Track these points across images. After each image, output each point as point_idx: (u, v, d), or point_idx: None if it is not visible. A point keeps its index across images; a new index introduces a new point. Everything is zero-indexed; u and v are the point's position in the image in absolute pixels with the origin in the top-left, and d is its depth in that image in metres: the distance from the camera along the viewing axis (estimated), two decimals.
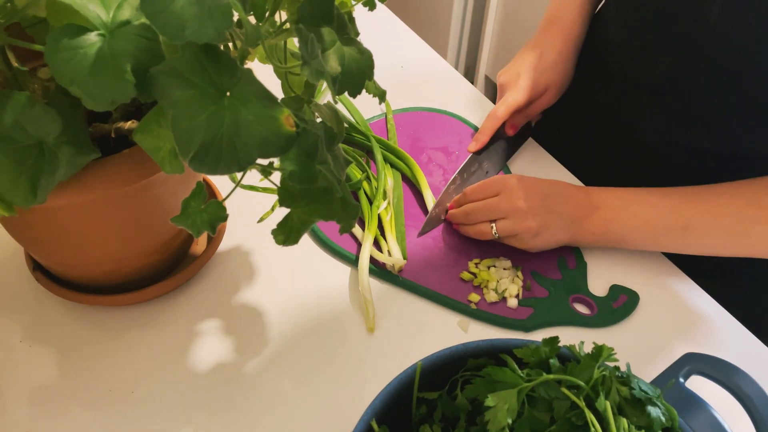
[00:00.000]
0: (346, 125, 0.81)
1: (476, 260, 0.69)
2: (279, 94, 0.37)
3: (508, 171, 0.81)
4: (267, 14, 0.40)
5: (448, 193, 0.75)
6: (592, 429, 0.38)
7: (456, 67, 1.51)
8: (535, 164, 0.83)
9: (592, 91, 0.83)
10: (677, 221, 0.65)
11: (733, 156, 0.70)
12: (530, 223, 0.66)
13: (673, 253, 0.68)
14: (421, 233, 0.71)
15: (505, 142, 0.82)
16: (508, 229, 0.66)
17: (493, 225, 0.67)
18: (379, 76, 0.54)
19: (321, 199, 0.42)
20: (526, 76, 0.79)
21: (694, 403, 0.46)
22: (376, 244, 0.68)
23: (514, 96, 0.78)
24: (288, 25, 0.40)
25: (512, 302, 0.65)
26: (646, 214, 0.66)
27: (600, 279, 0.69)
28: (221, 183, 0.70)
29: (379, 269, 0.67)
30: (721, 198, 0.64)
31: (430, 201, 0.73)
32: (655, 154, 0.76)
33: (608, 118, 0.81)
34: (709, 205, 0.64)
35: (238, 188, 0.43)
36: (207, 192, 0.41)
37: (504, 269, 0.67)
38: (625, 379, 0.41)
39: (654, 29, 0.69)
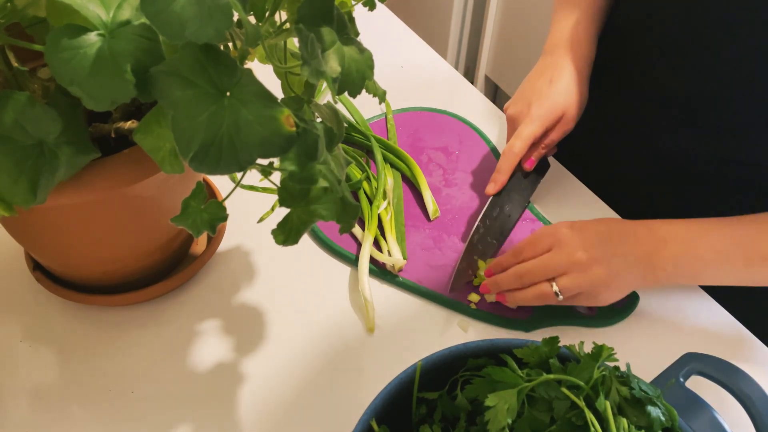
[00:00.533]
0: (345, 125, 0.81)
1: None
2: (279, 94, 0.37)
3: (534, 210, 0.75)
4: (267, 14, 0.40)
5: (472, 245, 0.68)
6: (592, 429, 0.38)
7: (456, 67, 1.51)
8: (564, 195, 0.78)
9: (605, 94, 0.80)
10: (757, 251, 0.58)
11: (756, 164, 0.68)
12: (597, 273, 0.59)
13: (753, 286, 0.62)
14: (452, 289, 0.65)
15: (523, 179, 0.75)
16: (573, 285, 0.59)
17: (554, 284, 0.59)
18: (379, 76, 0.54)
19: (321, 199, 0.42)
20: (539, 104, 0.71)
21: (694, 403, 0.47)
22: (376, 244, 0.68)
23: (530, 128, 0.71)
24: (288, 25, 0.40)
25: None
26: (722, 246, 0.59)
27: None
28: (221, 183, 0.70)
29: (379, 269, 0.67)
30: None
31: (430, 201, 0.73)
32: (671, 161, 0.74)
33: (622, 122, 0.79)
34: None
35: (238, 188, 0.43)
36: (207, 192, 0.41)
37: None
38: (625, 379, 0.41)
39: (673, 30, 0.67)
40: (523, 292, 0.61)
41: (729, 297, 0.69)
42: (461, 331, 0.63)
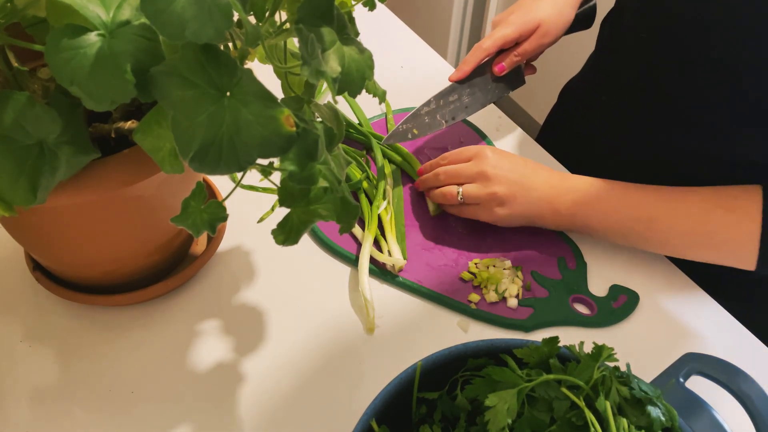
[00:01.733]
0: (345, 125, 0.81)
1: (476, 260, 0.69)
2: (279, 94, 0.37)
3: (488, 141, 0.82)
4: (267, 14, 0.40)
5: (419, 113, 0.75)
6: (592, 429, 0.38)
7: (456, 67, 1.51)
8: (523, 154, 0.81)
9: (603, 91, 0.81)
10: (644, 213, 0.65)
11: (750, 164, 0.68)
12: (496, 189, 0.66)
13: (638, 248, 0.68)
14: (384, 142, 0.74)
15: (491, 81, 0.80)
16: (473, 193, 0.67)
17: (460, 189, 0.67)
18: (379, 76, 0.54)
19: (321, 199, 0.42)
20: (518, 13, 0.77)
21: (694, 403, 0.46)
22: (376, 244, 0.68)
23: (503, 30, 0.76)
24: (288, 25, 0.40)
25: (512, 302, 0.65)
26: (616, 203, 0.66)
27: (600, 279, 0.69)
28: (221, 183, 0.70)
29: (378, 269, 0.67)
30: (692, 197, 0.64)
31: (431, 202, 0.73)
32: (667, 157, 0.74)
33: (620, 119, 0.79)
34: (678, 202, 0.64)
35: (238, 188, 0.43)
36: (207, 192, 0.41)
37: (504, 269, 0.67)
38: (625, 379, 0.41)
39: (672, 28, 0.68)
40: (436, 190, 0.70)
41: (729, 297, 0.69)
42: (461, 331, 0.63)
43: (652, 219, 0.64)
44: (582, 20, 0.83)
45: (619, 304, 0.66)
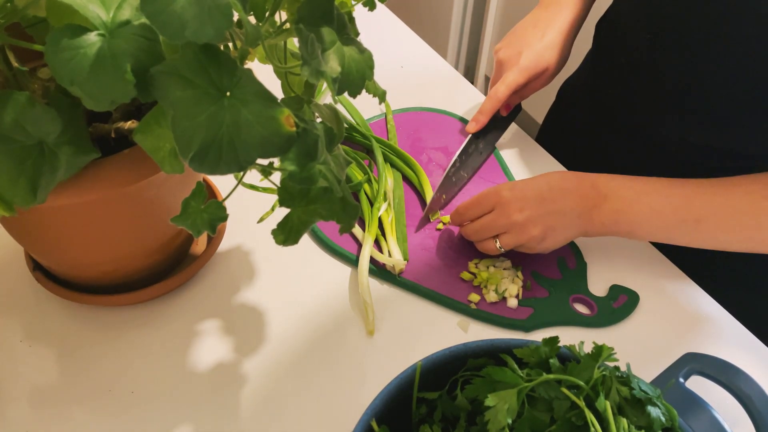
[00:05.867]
0: (346, 125, 0.81)
1: (476, 260, 0.69)
2: (279, 94, 0.37)
3: (498, 156, 0.82)
4: (267, 14, 0.40)
5: (449, 177, 0.76)
6: (592, 429, 0.38)
7: (456, 67, 1.51)
8: (523, 154, 0.84)
9: (601, 90, 0.82)
10: (691, 213, 0.63)
11: (751, 156, 0.69)
12: (532, 232, 0.64)
13: (685, 246, 0.66)
14: (424, 219, 0.72)
15: (497, 121, 0.83)
16: (512, 242, 0.65)
17: (497, 240, 0.65)
18: (379, 76, 0.54)
19: (321, 199, 0.42)
20: (527, 56, 0.78)
21: (694, 403, 0.47)
22: (377, 244, 0.68)
23: (514, 76, 0.78)
24: (288, 25, 0.40)
25: (512, 302, 0.65)
26: (659, 205, 0.63)
27: (600, 279, 0.69)
28: (221, 183, 0.70)
29: (379, 269, 0.67)
30: (737, 191, 0.62)
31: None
32: (668, 153, 0.75)
33: (619, 117, 0.80)
34: (724, 198, 0.62)
35: (238, 188, 0.43)
36: (207, 192, 0.41)
37: (504, 269, 0.68)
38: (625, 379, 0.41)
39: (671, 24, 0.68)
40: (477, 244, 0.68)
41: (730, 297, 0.69)
42: (461, 331, 0.63)
43: (699, 220, 0.62)
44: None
45: (619, 304, 0.66)
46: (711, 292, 0.69)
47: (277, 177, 0.43)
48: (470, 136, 0.81)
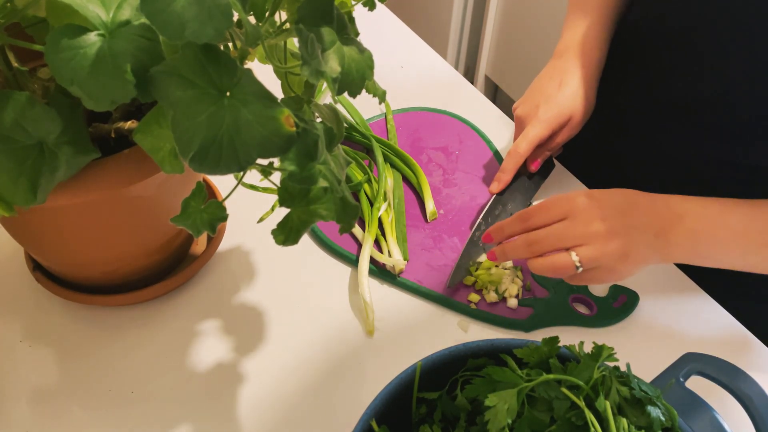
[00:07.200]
0: (346, 125, 0.81)
1: (474, 266, 0.69)
2: (279, 94, 0.37)
3: None
4: (267, 14, 0.40)
5: (473, 241, 0.68)
6: (592, 429, 0.38)
7: (456, 67, 1.51)
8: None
9: (615, 107, 0.80)
10: None
11: (763, 168, 0.67)
12: (615, 245, 0.55)
13: (759, 273, 0.60)
14: (450, 285, 0.65)
15: (527, 179, 0.76)
16: (593, 257, 0.55)
17: (573, 253, 0.56)
18: (379, 76, 0.54)
19: (321, 199, 0.42)
20: (546, 107, 0.72)
21: (694, 403, 0.46)
22: (377, 244, 0.68)
23: (536, 130, 0.71)
24: (288, 25, 0.40)
25: (512, 302, 0.65)
26: (741, 227, 0.57)
27: None
28: (221, 183, 0.70)
29: (379, 269, 0.67)
30: None
31: (430, 204, 0.73)
32: (680, 163, 0.73)
33: (633, 133, 0.78)
34: None
35: (238, 188, 0.43)
36: (207, 192, 0.41)
37: (504, 269, 0.67)
38: (625, 379, 0.41)
39: (683, 37, 0.67)
40: (539, 260, 0.57)
41: (729, 297, 0.69)
42: (461, 331, 0.63)
43: None
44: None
45: (619, 304, 0.66)
46: (711, 293, 0.68)
47: (277, 177, 0.43)
48: (494, 196, 0.73)
